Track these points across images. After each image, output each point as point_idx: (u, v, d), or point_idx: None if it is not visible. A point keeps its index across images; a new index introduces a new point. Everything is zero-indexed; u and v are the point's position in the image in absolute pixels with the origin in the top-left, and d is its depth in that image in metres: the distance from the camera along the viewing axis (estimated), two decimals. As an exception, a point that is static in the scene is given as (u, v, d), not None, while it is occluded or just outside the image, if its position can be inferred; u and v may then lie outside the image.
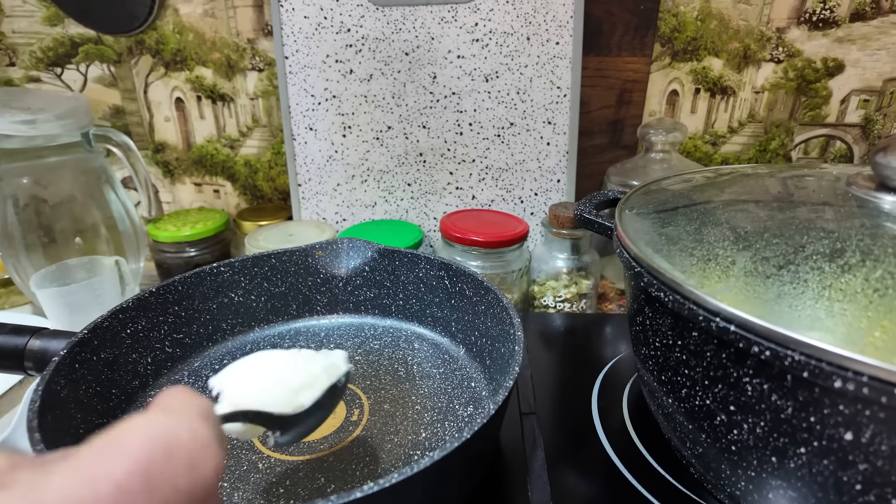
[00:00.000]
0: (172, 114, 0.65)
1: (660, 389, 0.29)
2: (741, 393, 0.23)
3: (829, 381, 0.19)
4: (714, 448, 0.26)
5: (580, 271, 0.53)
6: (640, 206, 0.33)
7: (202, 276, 0.41)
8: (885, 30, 0.55)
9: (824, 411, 0.20)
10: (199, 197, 0.70)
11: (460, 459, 0.25)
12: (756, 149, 0.62)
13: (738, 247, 0.25)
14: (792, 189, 0.32)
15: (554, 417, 0.36)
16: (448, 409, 0.36)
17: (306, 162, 0.60)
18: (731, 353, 0.23)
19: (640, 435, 0.34)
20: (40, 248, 0.56)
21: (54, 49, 0.63)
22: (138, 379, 0.37)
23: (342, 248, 0.45)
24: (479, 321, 0.39)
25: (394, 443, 0.33)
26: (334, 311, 0.46)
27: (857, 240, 0.24)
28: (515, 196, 0.60)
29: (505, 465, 0.32)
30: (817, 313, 0.21)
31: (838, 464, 0.21)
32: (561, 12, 0.53)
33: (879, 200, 0.27)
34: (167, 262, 0.61)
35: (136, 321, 0.37)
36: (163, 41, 0.62)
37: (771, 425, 0.23)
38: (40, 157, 0.54)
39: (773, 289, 0.22)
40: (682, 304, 0.24)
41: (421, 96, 0.57)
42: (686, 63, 0.58)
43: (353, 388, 0.38)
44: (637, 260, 0.27)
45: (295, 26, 0.56)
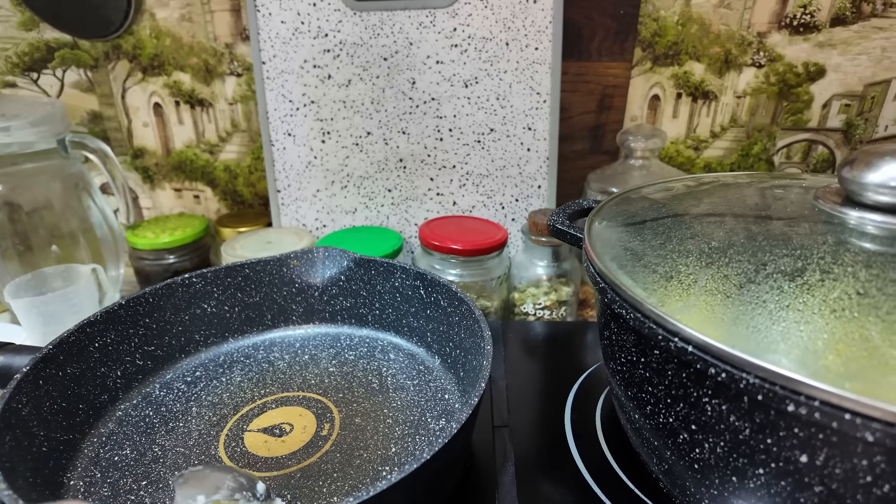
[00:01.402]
0: (151, 119, 0.65)
1: (628, 404, 0.29)
2: (701, 412, 0.23)
3: (783, 404, 0.19)
4: (679, 465, 0.26)
5: (560, 278, 0.53)
6: (610, 217, 0.33)
7: (174, 288, 0.41)
8: (865, 34, 0.55)
9: (780, 433, 0.20)
10: (179, 202, 0.69)
11: (422, 479, 0.25)
12: (738, 153, 0.62)
13: (701, 264, 0.25)
14: (764, 201, 0.32)
15: (527, 430, 0.36)
16: (420, 423, 0.35)
17: (285, 168, 0.60)
18: (691, 372, 0.23)
19: (611, 448, 0.34)
20: (16, 256, 0.55)
21: (30, 54, 0.62)
22: (107, 393, 0.36)
23: (318, 258, 0.45)
24: (454, 332, 0.39)
25: (363, 458, 0.32)
26: (310, 320, 0.45)
27: (818, 257, 0.23)
28: (496, 202, 0.59)
29: (475, 479, 0.32)
30: (773, 335, 0.20)
31: (795, 485, 0.21)
32: (540, 17, 0.53)
33: (845, 216, 0.27)
34: (146, 270, 0.61)
35: (104, 334, 0.36)
36: (140, 46, 0.61)
37: (730, 445, 0.22)
38: (15, 163, 0.54)
39: (732, 309, 0.22)
40: (643, 322, 0.23)
41: (400, 102, 0.57)
42: (667, 68, 0.58)
43: (326, 402, 0.37)
44: (601, 275, 0.27)
45: (272, 31, 0.55)
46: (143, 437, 0.35)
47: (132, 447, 0.34)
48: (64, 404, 0.33)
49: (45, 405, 0.31)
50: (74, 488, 0.31)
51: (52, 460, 0.30)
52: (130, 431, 0.35)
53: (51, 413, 0.32)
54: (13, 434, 0.28)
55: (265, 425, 0.35)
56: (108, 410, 0.36)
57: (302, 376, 0.40)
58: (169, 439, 0.34)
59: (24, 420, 0.29)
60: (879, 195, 0.26)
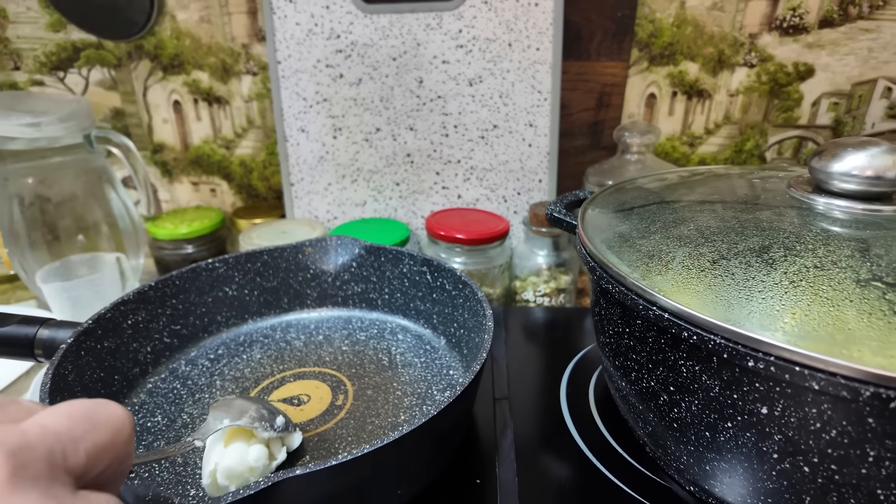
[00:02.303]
0: (170, 116, 0.68)
1: (615, 373, 0.32)
2: (678, 374, 0.26)
3: (745, 361, 0.22)
4: (661, 426, 0.29)
5: (560, 267, 0.56)
6: (602, 205, 0.36)
7: (198, 272, 0.44)
8: (852, 36, 0.57)
9: (744, 388, 0.23)
10: (196, 196, 0.73)
11: (429, 435, 0.28)
12: (732, 149, 0.64)
13: (680, 243, 0.28)
14: (744, 190, 0.35)
15: (525, 402, 0.39)
16: (426, 395, 0.38)
17: (298, 162, 0.63)
18: (668, 338, 0.26)
19: (602, 417, 0.37)
20: (45, 245, 0.58)
21: (57, 54, 0.65)
22: (138, 367, 0.40)
23: (331, 245, 0.48)
24: (458, 313, 0.42)
25: (374, 424, 0.35)
26: (324, 304, 0.49)
27: (783, 237, 0.26)
28: (499, 195, 0.62)
29: (477, 444, 0.35)
30: (740, 302, 0.23)
31: (758, 436, 0.24)
32: (541, 19, 0.56)
33: (814, 202, 0.30)
34: (165, 259, 0.64)
35: (136, 313, 0.40)
36: (161, 46, 0.64)
37: (703, 403, 0.25)
38: (44, 157, 0.57)
39: (705, 281, 0.25)
40: (626, 294, 0.26)
41: (408, 99, 0.59)
42: (663, 67, 0.61)
43: (340, 376, 0.40)
44: (592, 256, 0.30)
45: (287, 32, 0.58)
46: (172, 406, 0.38)
47: (163, 415, 0.37)
48: (102, 374, 0.36)
49: (86, 374, 0.34)
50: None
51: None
52: (161, 401, 0.38)
53: (91, 381, 0.35)
54: (62, 396, 0.31)
55: (284, 396, 0.38)
56: (140, 383, 0.40)
57: (317, 354, 0.43)
58: (196, 408, 0.38)
59: (69, 385, 0.32)
60: (844, 183, 0.29)
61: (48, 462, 0.15)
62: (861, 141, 0.28)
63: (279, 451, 0.31)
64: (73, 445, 0.16)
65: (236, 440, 0.29)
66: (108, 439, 0.17)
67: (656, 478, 0.32)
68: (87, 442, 0.16)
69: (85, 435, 0.16)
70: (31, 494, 0.14)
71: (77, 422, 0.16)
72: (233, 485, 0.28)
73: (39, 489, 0.14)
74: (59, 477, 0.15)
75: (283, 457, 0.31)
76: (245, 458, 0.29)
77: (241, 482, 0.28)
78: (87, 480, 0.16)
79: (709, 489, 0.28)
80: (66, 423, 0.16)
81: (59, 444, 0.16)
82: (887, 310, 0.21)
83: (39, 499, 0.14)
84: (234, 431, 0.30)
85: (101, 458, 0.17)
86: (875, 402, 0.19)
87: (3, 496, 0.13)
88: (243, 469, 0.28)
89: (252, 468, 0.29)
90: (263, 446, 0.30)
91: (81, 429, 0.16)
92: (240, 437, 0.29)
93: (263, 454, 0.29)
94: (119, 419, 0.18)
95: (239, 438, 0.29)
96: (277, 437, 0.31)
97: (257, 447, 0.29)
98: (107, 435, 0.17)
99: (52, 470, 0.15)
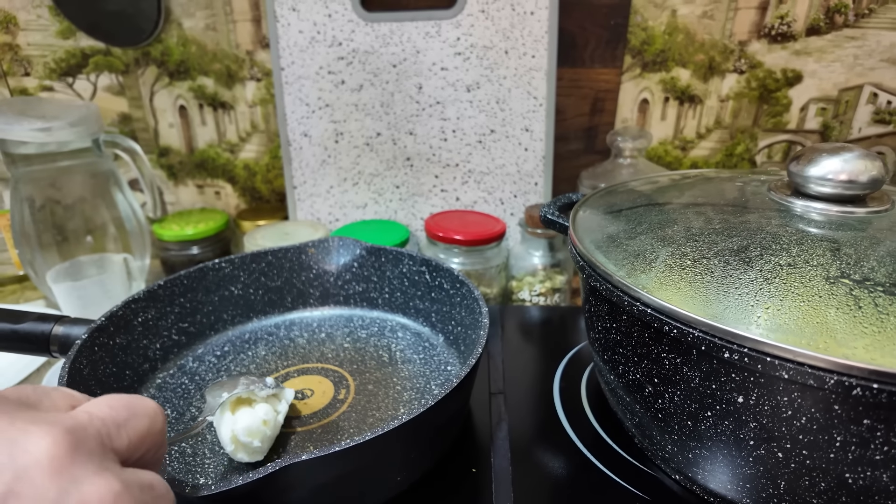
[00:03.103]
0: (176, 120, 0.70)
1: (604, 367, 0.34)
2: (661, 367, 0.28)
3: (721, 353, 0.24)
4: (647, 417, 0.31)
5: (555, 268, 0.57)
6: (593, 207, 0.37)
7: (205, 271, 0.45)
8: (838, 43, 0.59)
9: (721, 379, 0.25)
10: (200, 198, 0.74)
11: (427, 425, 0.29)
12: (723, 153, 0.66)
13: (664, 243, 0.29)
14: (729, 193, 0.36)
15: (520, 396, 0.40)
16: (425, 389, 0.40)
17: (301, 166, 0.65)
18: (651, 332, 0.27)
19: (593, 410, 0.38)
20: (54, 246, 0.60)
21: (66, 60, 0.67)
22: (148, 362, 0.41)
23: (333, 246, 0.49)
24: (455, 311, 0.44)
25: (375, 417, 0.37)
26: (326, 303, 0.50)
27: (761, 237, 0.28)
28: (496, 198, 0.64)
29: (474, 436, 0.37)
30: (718, 298, 0.25)
31: (735, 423, 0.25)
32: (536, 28, 0.57)
33: (792, 204, 0.31)
34: (171, 259, 0.66)
35: (146, 311, 0.41)
36: (168, 53, 0.66)
37: (684, 393, 0.27)
38: (54, 161, 0.58)
39: (686, 279, 0.27)
40: (613, 291, 0.28)
41: (408, 105, 0.61)
42: (655, 73, 0.62)
43: (342, 372, 0.42)
44: (581, 255, 0.31)
45: (290, 40, 0.60)
46: (180, 400, 0.39)
47: (172, 408, 0.39)
48: (114, 369, 0.38)
49: (99, 368, 0.36)
50: (125, 440, 0.35)
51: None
52: (170, 395, 0.40)
53: (104, 376, 0.36)
54: (78, 389, 0.32)
55: (289, 390, 0.40)
56: (149, 378, 0.41)
57: (320, 351, 0.45)
58: (203, 402, 0.39)
59: (84, 379, 0.34)
60: (820, 186, 0.30)
61: (98, 441, 0.17)
62: (836, 147, 0.30)
63: (279, 404, 0.35)
64: (116, 430, 0.18)
65: (241, 407, 0.33)
66: (145, 426, 0.19)
67: (644, 467, 0.34)
68: (128, 428, 0.18)
69: (126, 422, 0.18)
70: (89, 465, 0.16)
71: (118, 410, 0.19)
72: (255, 440, 0.32)
73: (94, 462, 0.16)
74: (108, 454, 0.17)
75: (284, 407, 0.35)
76: (256, 416, 0.32)
77: (260, 436, 0.32)
78: (129, 464, 0.18)
79: (692, 476, 0.30)
80: (109, 411, 0.18)
81: (105, 427, 0.18)
82: (853, 305, 0.23)
83: (97, 469, 0.16)
84: (235, 402, 0.33)
85: (141, 443, 0.19)
86: (839, 389, 0.21)
87: (68, 465, 0.15)
88: (258, 424, 0.32)
89: (265, 421, 0.32)
90: (266, 403, 0.34)
91: (123, 416, 0.18)
92: (242, 405, 0.33)
93: (269, 409, 0.33)
94: (153, 410, 0.20)
95: (242, 406, 0.33)
96: (272, 393, 0.35)
97: (262, 405, 0.33)
98: (144, 423, 0.19)
99: (102, 448, 0.17)
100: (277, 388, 0.35)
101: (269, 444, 0.33)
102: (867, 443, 0.22)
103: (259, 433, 0.32)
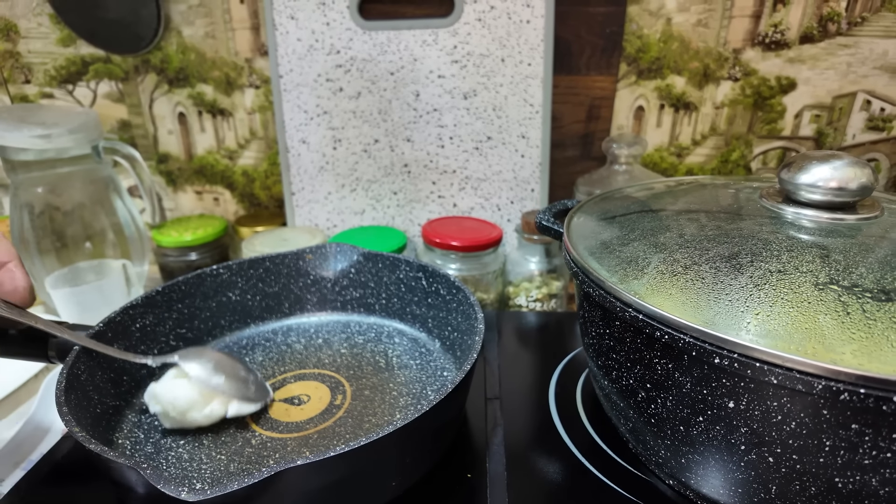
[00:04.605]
0: (175, 127, 0.70)
1: (599, 373, 0.34)
2: (653, 372, 0.28)
3: (712, 358, 0.24)
4: (640, 422, 0.31)
5: (551, 273, 0.58)
6: (588, 214, 0.38)
7: (203, 277, 0.46)
8: (831, 51, 0.60)
9: (712, 384, 0.25)
10: (199, 204, 0.75)
11: (423, 429, 0.30)
12: (718, 160, 0.66)
13: (656, 250, 0.30)
14: (719, 200, 0.37)
15: (516, 401, 0.40)
16: (421, 395, 0.40)
17: (299, 172, 0.65)
18: (644, 338, 0.28)
19: (588, 416, 0.38)
20: (53, 252, 0.60)
21: (67, 67, 0.68)
22: (146, 368, 0.41)
23: (330, 252, 0.50)
24: (452, 317, 0.44)
25: (371, 423, 0.37)
26: (323, 309, 0.50)
27: (751, 244, 0.28)
28: (493, 204, 0.64)
29: (469, 441, 0.37)
30: (708, 304, 0.25)
31: (726, 428, 0.26)
32: (532, 36, 0.58)
33: (783, 211, 0.32)
34: (170, 265, 0.66)
35: (144, 317, 0.41)
36: (167, 60, 0.66)
37: (676, 398, 0.27)
38: (53, 167, 0.59)
39: (677, 285, 0.27)
40: (605, 297, 0.28)
41: (405, 112, 0.62)
42: (651, 81, 0.63)
43: (338, 377, 0.42)
44: (575, 261, 0.32)
45: (289, 48, 0.61)
46: (178, 406, 0.40)
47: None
48: (112, 375, 0.38)
49: (97, 374, 0.36)
50: (122, 446, 0.35)
51: (103, 421, 0.35)
52: (167, 401, 0.40)
53: (102, 381, 0.37)
54: (76, 394, 0.33)
55: (285, 396, 0.40)
56: (147, 383, 0.41)
57: (317, 357, 0.45)
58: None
59: (82, 384, 0.34)
60: (810, 193, 0.31)
61: None
62: (826, 154, 0.30)
63: (224, 405, 0.36)
64: None
65: (182, 377, 0.35)
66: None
67: (638, 472, 0.34)
68: None
69: None
70: None
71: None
72: (155, 405, 0.35)
73: None
74: None
75: (218, 411, 0.36)
76: (173, 391, 0.35)
77: (162, 408, 0.35)
78: None
79: (685, 481, 0.30)
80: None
81: None
82: (841, 311, 0.23)
83: None
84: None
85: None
86: (827, 394, 0.21)
87: None
88: (168, 398, 0.35)
89: (172, 403, 0.35)
90: (195, 391, 0.35)
91: None
92: (185, 376, 0.35)
93: (190, 396, 0.35)
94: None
95: (184, 377, 0.35)
96: (214, 392, 0.36)
97: (186, 388, 0.35)
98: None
99: None
100: (221, 393, 0.36)
101: (167, 419, 0.35)
102: (856, 447, 0.22)
103: (163, 404, 0.35)
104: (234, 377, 0.36)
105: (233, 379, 0.36)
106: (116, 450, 0.35)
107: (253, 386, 0.36)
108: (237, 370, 0.37)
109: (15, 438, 0.39)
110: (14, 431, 0.39)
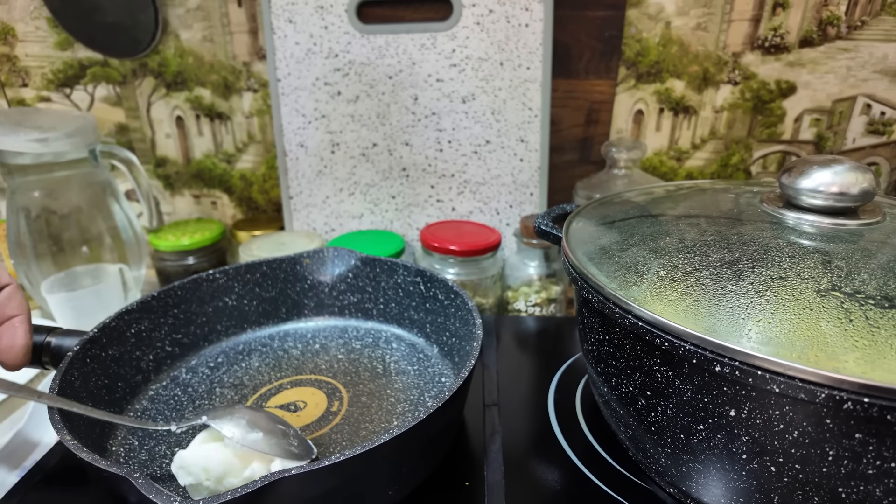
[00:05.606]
0: (173, 131, 0.70)
1: (598, 379, 0.33)
2: (653, 379, 0.27)
3: (713, 366, 0.23)
4: (640, 429, 0.30)
5: (550, 278, 0.57)
6: (587, 218, 0.37)
7: (199, 282, 0.45)
8: (831, 55, 0.59)
9: (713, 392, 0.25)
10: (197, 208, 0.74)
11: (420, 437, 0.29)
12: (718, 164, 0.66)
13: (656, 255, 0.29)
14: (722, 204, 0.36)
15: (514, 408, 0.40)
16: (419, 401, 0.40)
17: (297, 176, 0.65)
18: (644, 345, 0.27)
19: (587, 423, 0.38)
20: (49, 256, 0.60)
21: (64, 71, 0.67)
22: (141, 374, 0.41)
23: (328, 257, 0.49)
24: (450, 323, 0.43)
25: (368, 430, 0.37)
26: (321, 314, 0.50)
27: (752, 250, 0.28)
28: (492, 208, 0.64)
29: (467, 448, 0.36)
30: (709, 311, 0.25)
31: (728, 437, 0.25)
32: (531, 40, 0.58)
33: (783, 216, 0.31)
34: (167, 270, 0.65)
35: (139, 322, 0.41)
36: (165, 64, 0.66)
37: (677, 406, 0.27)
38: (50, 171, 0.58)
39: (677, 291, 0.27)
40: (605, 304, 0.28)
41: (404, 116, 0.61)
42: (650, 85, 0.63)
43: (335, 383, 0.42)
44: (573, 267, 0.31)
45: (287, 51, 0.60)
46: (173, 412, 0.39)
47: (164, 421, 0.38)
48: (106, 381, 0.37)
49: (91, 380, 0.36)
50: (116, 453, 0.35)
51: (97, 427, 0.35)
52: (162, 407, 0.40)
53: (95, 388, 0.36)
54: (68, 402, 0.32)
55: (282, 402, 0.40)
56: (142, 389, 0.41)
57: (314, 362, 0.44)
58: (196, 414, 0.39)
59: (76, 391, 0.34)
60: (811, 199, 0.30)
61: None
62: (827, 159, 0.30)
63: (265, 464, 0.30)
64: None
65: (213, 441, 0.30)
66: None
67: (638, 481, 0.33)
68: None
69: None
70: None
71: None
72: (186, 477, 0.29)
73: None
74: None
75: (259, 473, 0.29)
76: (205, 457, 0.29)
77: (195, 479, 0.29)
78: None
79: (686, 490, 0.30)
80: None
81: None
82: (844, 318, 0.23)
83: None
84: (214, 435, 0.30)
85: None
86: (830, 403, 0.21)
87: None
88: (201, 466, 0.29)
89: (206, 470, 0.29)
90: (230, 454, 0.30)
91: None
92: (217, 439, 0.30)
93: (226, 459, 0.29)
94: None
95: (216, 440, 0.30)
96: (253, 452, 0.30)
97: (221, 451, 0.29)
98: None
99: None
100: (257, 450, 0.30)
101: (200, 490, 0.29)
102: (859, 457, 0.22)
103: (194, 475, 0.29)
104: (272, 433, 0.31)
105: (271, 435, 0.31)
106: (110, 457, 0.35)
107: (295, 440, 0.31)
108: (275, 424, 0.32)
109: (8, 446, 0.39)
110: (7, 439, 0.39)
